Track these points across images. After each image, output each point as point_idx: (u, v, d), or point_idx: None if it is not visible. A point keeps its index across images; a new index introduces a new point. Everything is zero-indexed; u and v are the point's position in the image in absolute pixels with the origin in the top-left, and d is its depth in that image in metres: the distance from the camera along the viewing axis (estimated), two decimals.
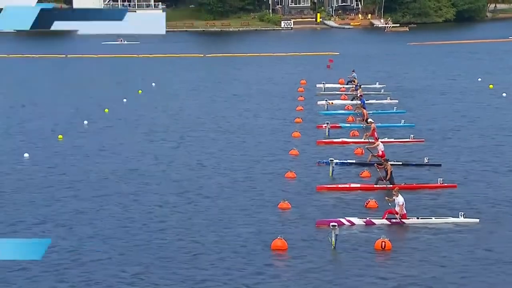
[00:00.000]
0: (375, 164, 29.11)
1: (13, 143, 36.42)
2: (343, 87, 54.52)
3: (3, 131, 39.48)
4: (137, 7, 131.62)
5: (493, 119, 41.78)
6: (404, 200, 23.70)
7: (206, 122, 41.80)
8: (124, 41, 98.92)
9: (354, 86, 51.91)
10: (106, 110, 45.34)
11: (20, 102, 49.67)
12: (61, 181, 29.15)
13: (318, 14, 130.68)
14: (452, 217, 23.86)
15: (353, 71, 56.05)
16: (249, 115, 43.85)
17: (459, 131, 38.59)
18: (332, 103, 46.82)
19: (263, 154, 33.48)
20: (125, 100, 49.53)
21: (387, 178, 27.21)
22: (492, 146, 34.87)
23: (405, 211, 23.62)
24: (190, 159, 32.65)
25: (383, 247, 21.07)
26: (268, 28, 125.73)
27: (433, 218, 23.86)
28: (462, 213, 23.86)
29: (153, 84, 57.69)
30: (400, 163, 30.88)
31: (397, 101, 47.63)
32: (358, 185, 27.84)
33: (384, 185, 27.19)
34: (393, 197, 23.78)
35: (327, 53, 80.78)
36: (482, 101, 48.18)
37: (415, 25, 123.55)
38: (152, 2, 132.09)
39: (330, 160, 29.88)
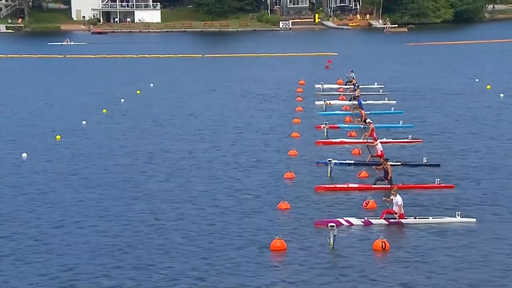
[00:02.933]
0: (373, 167, 29.08)
1: (11, 143, 36.43)
2: (341, 87, 54.60)
3: (0, 131, 39.46)
4: (135, 7, 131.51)
5: (491, 119, 41.86)
6: (402, 200, 23.77)
7: (204, 122, 41.83)
8: (70, 42, 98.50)
9: (352, 86, 52.03)
10: (104, 110, 45.37)
11: (18, 102, 49.71)
12: (59, 181, 29.16)
13: (317, 15, 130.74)
14: (449, 216, 23.95)
15: (352, 71, 56.15)
16: (247, 116, 43.88)
17: (457, 131, 38.65)
18: (330, 103, 46.88)
19: (261, 154, 33.52)
20: (123, 100, 49.59)
21: (387, 178, 27.24)
22: (490, 146, 34.92)
23: (403, 211, 23.67)
24: (187, 159, 32.67)
25: (383, 247, 21.11)
26: (267, 29, 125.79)
27: (430, 218, 23.93)
28: (459, 212, 23.95)
29: (152, 84, 57.72)
30: (399, 163, 30.93)
31: (395, 101, 47.70)
32: (357, 185, 27.88)
33: (382, 185, 27.22)
34: (392, 197, 23.83)
35: (325, 53, 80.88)
36: (479, 102, 48.26)
37: (414, 26, 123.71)
38: (150, 3, 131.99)
39: (329, 160, 29.91)
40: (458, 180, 28.68)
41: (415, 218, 23.88)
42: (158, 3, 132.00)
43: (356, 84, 51.34)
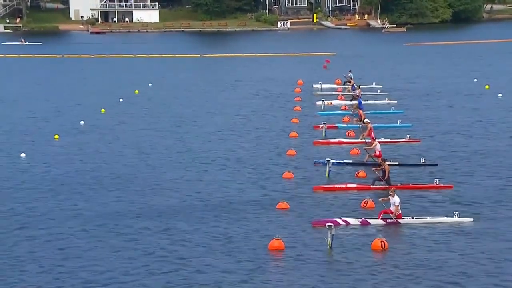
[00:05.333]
0: (372, 168, 29.07)
1: (10, 143, 36.43)
2: (339, 87, 54.65)
3: None
4: (134, 7, 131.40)
5: (489, 119, 41.89)
6: (400, 200, 23.82)
7: (202, 122, 41.85)
8: (25, 42, 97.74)
9: (350, 86, 52.09)
10: (103, 110, 45.37)
11: (16, 102, 49.69)
12: (58, 180, 29.17)
13: (315, 15, 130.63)
14: (447, 216, 24.00)
15: (350, 71, 56.21)
16: (246, 115, 43.90)
17: (455, 131, 38.69)
18: (330, 103, 46.94)
19: (260, 154, 33.54)
20: (121, 100, 49.58)
21: (385, 178, 27.28)
22: (488, 146, 34.97)
23: (400, 211, 23.72)
24: (185, 159, 32.70)
25: (382, 246, 21.15)
26: (265, 29, 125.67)
27: (427, 218, 23.99)
28: (457, 212, 24.01)
29: (150, 84, 57.70)
30: (397, 163, 30.97)
31: (396, 101, 47.73)
32: (355, 185, 27.91)
33: (381, 185, 27.25)
34: (389, 197, 23.87)
35: (323, 53, 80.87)
36: (478, 102, 48.33)
37: (412, 26, 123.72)
38: (148, 2, 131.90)
39: (327, 160, 29.92)
40: (455, 180, 28.72)
41: (412, 218, 23.93)
42: (157, 3, 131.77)
43: (356, 84, 51.40)
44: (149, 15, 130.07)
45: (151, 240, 22.20)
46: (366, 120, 37.86)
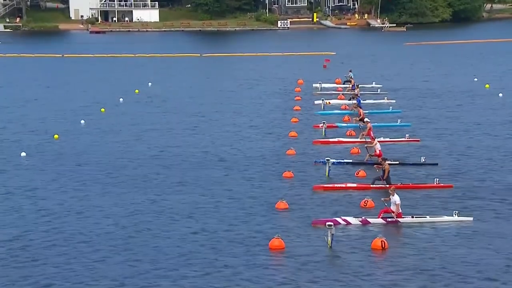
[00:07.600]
0: (374, 165, 29.13)
1: (10, 142, 36.44)
2: (339, 87, 54.69)
3: None
4: (134, 6, 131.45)
5: (489, 119, 41.90)
6: (400, 199, 23.84)
7: (202, 122, 41.87)
8: None
9: (351, 86, 52.15)
10: (103, 109, 45.38)
11: (16, 101, 49.68)
12: (58, 180, 29.18)
13: (315, 14, 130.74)
14: (447, 215, 24.02)
15: (350, 71, 56.28)
16: (245, 115, 43.92)
17: (455, 131, 38.70)
18: (329, 102, 46.95)
19: (259, 154, 33.55)
20: (121, 99, 49.59)
21: (384, 178, 27.30)
22: (489, 146, 34.98)
23: (400, 210, 23.73)
24: (185, 159, 32.71)
25: (382, 246, 21.16)
26: (265, 28, 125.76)
27: (427, 217, 24.01)
28: (457, 211, 24.03)
29: (150, 83, 57.71)
30: (397, 162, 30.98)
31: (394, 101, 47.76)
32: (355, 185, 27.92)
33: (381, 185, 27.26)
34: (389, 197, 23.89)
35: (323, 53, 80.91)
36: (478, 101, 48.34)
37: (412, 25, 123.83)
38: (148, 2, 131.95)
39: (327, 159, 29.94)
40: (457, 180, 28.73)
41: (412, 217, 23.95)
42: (156, 2, 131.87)
43: (355, 84, 51.46)
44: (149, 15, 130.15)
45: (148, 240, 22.20)
46: (366, 119, 37.88)
